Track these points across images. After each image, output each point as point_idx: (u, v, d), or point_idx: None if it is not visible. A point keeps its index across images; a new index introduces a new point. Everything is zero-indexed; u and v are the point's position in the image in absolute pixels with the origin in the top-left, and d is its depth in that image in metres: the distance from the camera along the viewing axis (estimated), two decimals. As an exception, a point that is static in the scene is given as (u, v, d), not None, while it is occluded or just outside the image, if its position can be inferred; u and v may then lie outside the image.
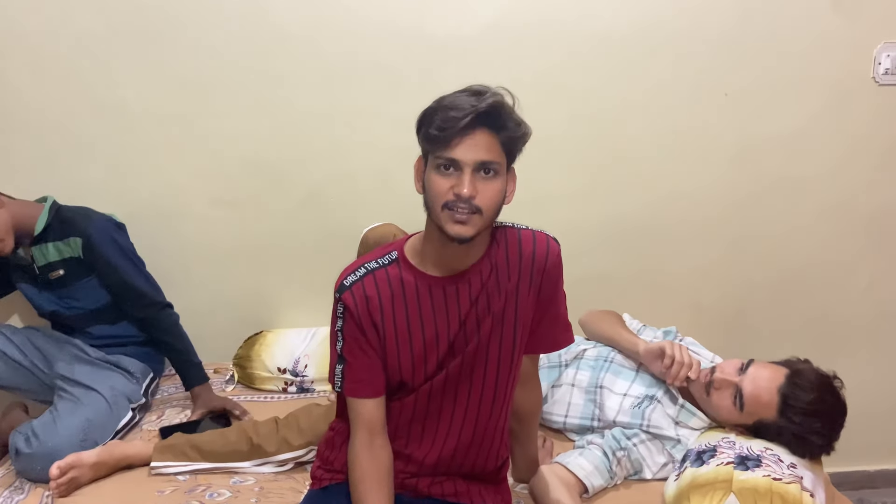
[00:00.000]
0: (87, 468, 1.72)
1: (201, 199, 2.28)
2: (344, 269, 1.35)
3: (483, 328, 1.34)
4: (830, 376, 1.62)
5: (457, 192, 1.19)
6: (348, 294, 1.31)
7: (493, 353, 1.36)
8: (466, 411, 1.39)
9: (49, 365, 2.04)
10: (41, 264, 2.02)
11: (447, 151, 1.19)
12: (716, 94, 2.27)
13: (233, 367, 2.29)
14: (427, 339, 1.33)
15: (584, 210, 2.36)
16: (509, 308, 1.34)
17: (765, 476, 1.43)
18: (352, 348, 1.34)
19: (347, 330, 1.33)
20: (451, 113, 1.17)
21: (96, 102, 2.17)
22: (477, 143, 1.19)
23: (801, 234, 2.42)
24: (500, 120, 1.20)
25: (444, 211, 1.21)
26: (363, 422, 1.35)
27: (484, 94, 1.19)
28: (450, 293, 1.32)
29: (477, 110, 1.17)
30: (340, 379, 1.36)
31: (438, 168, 1.21)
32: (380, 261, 1.34)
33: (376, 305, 1.31)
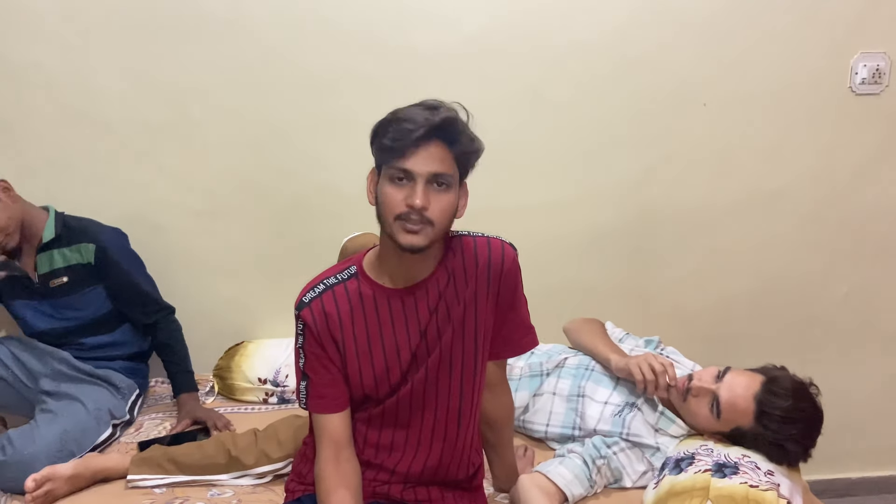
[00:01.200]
0: (62, 481, 1.70)
1: (182, 210, 2.28)
2: (305, 286, 1.36)
3: (444, 338, 1.34)
4: (807, 383, 1.62)
5: (409, 203, 1.20)
6: (307, 311, 1.32)
7: (456, 361, 1.37)
8: (435, 421, 1.40)
9: (33, 380, 2.03)
10: (43, 272, 2.00)
11: (400, 162, 1.20)
12: (695, 105, 2.29)
13: (213, 378, 2.28)
14: (388, 351, 1.34)
15: (567, 220, 2.37)
16: (469, 316, 1.35)
17: (742, 483, 1.43)
18: (313, 365, 1.35)
19: (308, 347, 1.35)
20: (405, 125, 1.19)
21: (77, 113, 2.17)
22: (430, 155, 1.20)
23: (780, 242, 2.44)
24: (454, 134, 1.22)
25: (396, 222, 1.22)
26: (328, 436, 1.36)
27: (438, 109, 1.22)
28: (408, 304, 1.33)
29: (431, 123, 1.19)
30: (304, 395, 1.37)
31: (392, 179, 1.22)
32: (339, 276, 1.35)
33: (335, 321, 1.32)
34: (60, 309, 2.05)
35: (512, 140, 2.27)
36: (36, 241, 2.01)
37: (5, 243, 1.92)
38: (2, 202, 1.92)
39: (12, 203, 1.95)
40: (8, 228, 1.92)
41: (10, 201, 1.95)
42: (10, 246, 1.94)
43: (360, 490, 1.37)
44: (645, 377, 1.73)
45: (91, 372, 2.03)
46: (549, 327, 2.17)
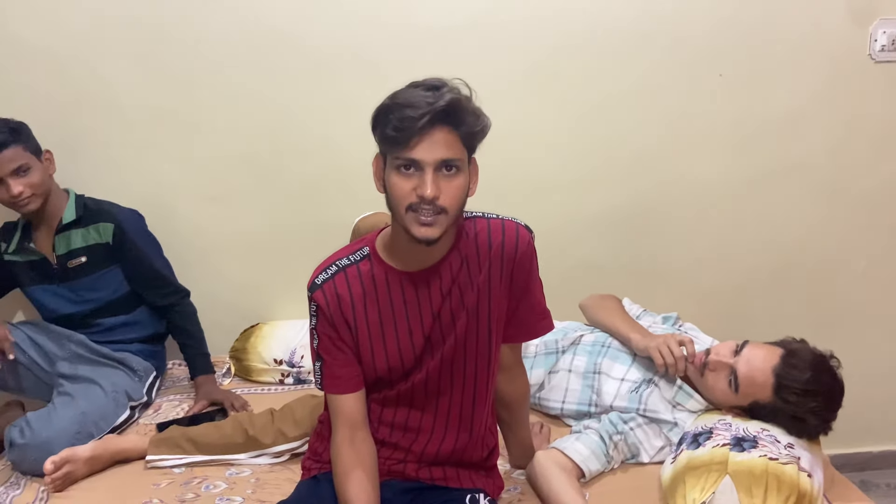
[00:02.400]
0: (81, 463, 1.72)
1: (195, 194, 2.28)
2: (317, 267, 1.35)
3: (458, 323, 1.33)
4: (827, 356, 1.60)
5: (420, 194, 1.16)
6: (319, 293, 1.31)
7: (470, 346, 1.35)
8: (450, 405, 1.39)
9: (50, 363, 2.04)
10: (62, 252, 2.02)
11: (406, 152, 1.16)
12: (711, 76, 2.25)
13: (229, 359, 2.29)
14: (401, 335, 1.33)
15: (582, 198, 2.35)
16: (482, 300, 1.33)
17: (761, 457, 1.42)
18: (327, 346, 1.34)
19: (321, 328, 1.34)
20: (407, 112, 1.14)
21: (86, 99, 2.17)
22: (436, 142, 1.16)
23: (799, 216, 2.40)
24: (459, 115, 1.17)
25: (408, 213, 1.19)
26: (343, 417, 1.35)
27: (440, 89, 1.16)
28: (421, 287, 1.31)
29: (434, 109, 1.13)
30: (319, 376, 1.37)
31: (398, 169, 1.18)
32: (351, 257, 1.34)
33: (348, 303, 1.31)
34: (78, 291, 2.06)
35: (523, 118, 2.24)
36: (55, 222, 2.02)
37: (27, 203, 1.94)
38: (42, 166, 1.97)
39: (49, 172, 2.01)
40: (38, 189, 1.95)
41: (48, 168, 2.01)
42: (30, 208, 1.95)
43: (376, 470, 1.36)
44: (665, 361, 1.72)
45: (108, 354, 2.04)
46: (564, 305, 2.15)
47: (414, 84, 1.19)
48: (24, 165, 1.92)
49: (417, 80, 1.20)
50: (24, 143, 1.94)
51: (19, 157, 1.91)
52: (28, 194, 1.93)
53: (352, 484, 1.32)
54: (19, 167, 1.91)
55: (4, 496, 1.69)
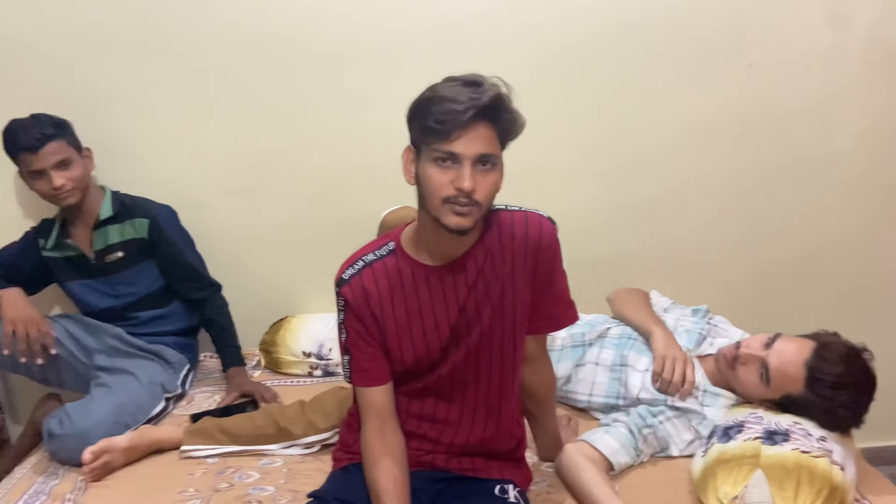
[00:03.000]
0: (119, 452, 1.75)
1: (224, 189, 2.30)
2: (343, 262, 1.37)
3: (484, 315, 1.34)
4: (860, 348, 1.58)
5: (458, 187, 1.18)
6: (347, 288, 1.33)
7: (495, 338, 1.36)
8: (476, 397, 1.40)
9: (88, 356, 2.09)
10: (99, 247, 2.06)
11: (446, 145, 1.17)
12: (739, 66, 2.22)
13: (259, 352, 2.32)
14: (427, 328, 1.35)
15: (607, 189, 2.33)
16: (507, 292, 1.34)
17: (793, 450, 1.41)
18: (355, 340, 1.36)
19: (349, 323, 1.36)
20: (450, 105, 1.15)
21: (117, 98, 2.19)
22: (477, 136, 1.18)
23: (830, 207, 2.37)
24: (500, 112, 1.19)
25: (444, 205, 1.21)
26: (372, 409, 1.37)
27: (481, 86, 1.18)
28: (447, 281, 1.33)
29: (478, 104, 1.15)
30: (347, 370, 1.39)
31: (436, 161, 1.20)
32: (377, 252, 1.35)
33: (375, 298, 1.33)
34: (115, 286, 2.10)
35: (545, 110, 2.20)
36: (92, 218, 2.06)
37: (67, 196, 1.98)
38: (83, 161, 2.02)
39: (88, 169, 2.06)
40: (79, 183, 2.00)
41: (88, 165, 2.06)
42: (69, 202, 1.99)
43: (405, 460, 1.38)
44: (664, 374, 1.72)
45: (143, 347, 2.08)
46: (591, 297, 2.15)
47: (452, 79, 1.20)
48: (66, 159, 1.96)
49: (455, 76, 1.20)
50: (68, 138, 1.99)
51: (62, 150, 1.95)
52: (69, 187, 1.97)
53: (381, 472, 1.34)
54: (62, 161, 1.95)
55: (43, 486, 1.73)
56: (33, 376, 2.10)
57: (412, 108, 1.22)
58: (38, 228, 2.13)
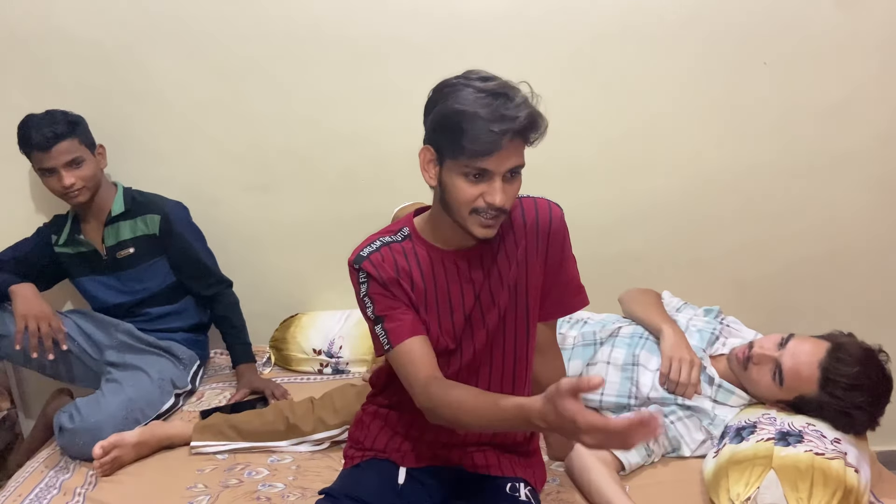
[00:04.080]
0: (129, 448, 1.76)
1: (235, 185, 2.31)
2: (359, 245, 1.34)
3: (499, 301, 1.34)
4: (875, 349, 1.57)
5: (489, 202, 1.19)
6: (367, 262, 1.30)
7: (509, 324, 1.36)
8: (490, 385, 1.39)
9: (98, 351, 2.09)
10: (111, 243, 2.07)
11: (479, 162, 1.17)
12: (755, 64, 2.20)
13: (269, 349, 2.32)
14: (442, 312, 1.34)
15: (621, 188, 2.32)
16: (521, 276, 1.35)
17: (807, 451, 1.40)
18: (383, 305, 1.30)
19: (373, 291, 1.30)
20: (487, 126, 1.13)
21: (132, 93, 2.20)
22: (510, 153, 1.18)
23: (847, 207, 2.34)
24: (532, 129, 1.18)
25: (471, 215, 1.21)
26: (419, 362, 1.26)
27: (513, 100, 1.15)
28: (462, 267, 1.33)
29: (516, 127, 1.14)
30: (385, 335, 1.29)
31: (467, 176, 1.19)
32: (393, 236, 1.35)
33: (394, 273, 1.30)
34: (127, 282, 2.11)
35: (564, 106, 2.19)
36: (104, 214, 2.07)
37: (77, 195, 1.99)
38: (95, 160, 2.03)
39: (100, 166, 2.07)
40: (89, 182, 2.01)
41: (100, 162, 2.07)
42: (79, 200, 2.00)
43: None
44: (671, 375, 1.71)
45: (154, 343, 2.09)
46: (603, 296, 2.14)
47: (476, 87, 1.16)
48: (77, 158, 1.97)
49: (476, 79, 1.17)
50: (80, 136, 1.99)
51: (74, 149, 1.97)
52: (79, 186, 1.98)
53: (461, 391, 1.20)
54: (73, 159, 1.96)
55: (55, 479, 1.74)
56: (45, 371, 2.11)
57: (437, 115, 1.20)
58: (51, 224, 2.15)
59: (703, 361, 1.76)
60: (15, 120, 1.98)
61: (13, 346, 1.97)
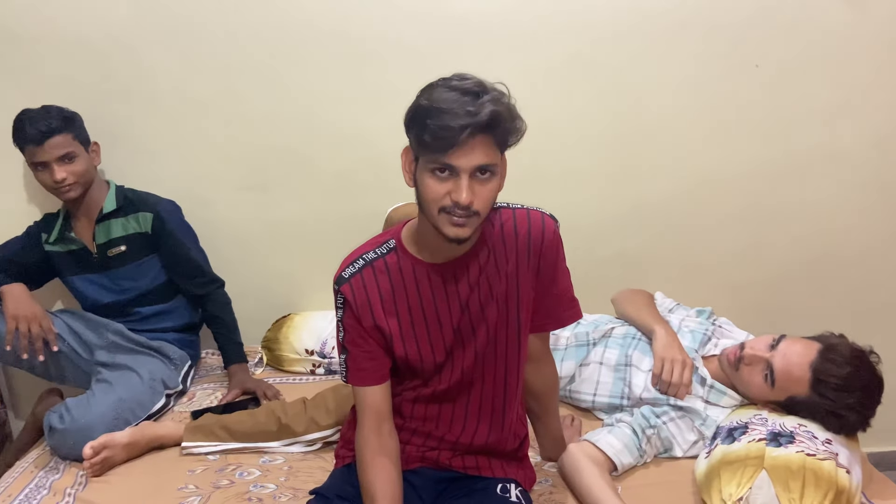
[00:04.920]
0: (119, 448, 1.75)
1: (228, 184, 2.30)
2: (343, 260, 1.35)
3: (488, 313, 1.33)
4: (866, 351, 1.57)
5: (455, 199, 1.16)
6: (347, 286, 1.31)
7: (500, 336, 1.36)
8: (481, 397, 1.40)
9: (89, 351, 2.08)
10: (101, 241, 2.06)
11: (443, 158, 1.15)
12: (748, 67, 2.21)
13: (261, 349, 2.31)
14: (431, 327, 1.34)
15: (615, 189, 2.33)
16: (511, 290, 1.33)
17: (798, 452, 1.40)
18: (353, 338, 1.34)
19: (347, 321, 1.34)
20: (447, 121, 1.12)
21: (125, 91, 2.19)
22: (475, 149, 1.15)
23: (839, 210, 2.35)
24: (499, 126, 1.16)
25: (440, 214, 1.19)
26: (370, 408, 1.36)
27: (479, 96, 1.14)
28: (448, 279, 1.32)
29: (476, 122, 1.12)
30: (344, 368, 1.37)
31: (433, 172, 1.17)
32: (378, 251, 1.34)
33: (376, 297, 1.32)
34: (117, 280, 2.09)
35: (557, 109, 2.23)
36: (95, 212, 2.06)
37: (68, 190, 1.98)
38: (88, 156, 2.03)
39: (94, 163, 2.06)
40: (81, 178, 2.00)
41: (93, 159, 2.06)
42: (70, 196, 2.00)
43: (399, 462, 1.37)
44: (663, 376, 1.71)
45: (145, 343, 2.08)
46: (596, 298, 2.14)
47: (450, 85, 1.16)
48: (70, 153, 1.97)
49: (454, 79, 1.17)
50: (75, 132, 1.99)
51: (67, 144, 1.96)
52: (71, 181, 1.97)
53: (377, 472, 1.33)
54: (66, 154, 1.96)
55: (44, 480, 1.73)
56: (34, 371, 2.09)
57: (409, 115, 1.20)
58: (41, 223, 2.13)
59: (695, 362, 1.77)
60: (8, 118, 1.97)
61: (3, 347, 1.96)
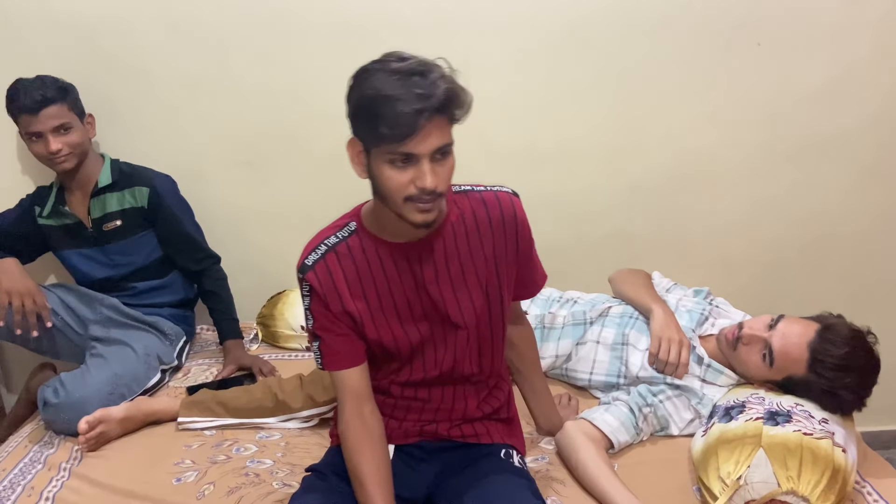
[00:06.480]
0: (115, 423, 1.74)
1: (224, 161, 2.27)
2: (305, 247, 1.33)
3: (459, 295, 1.32)
4: (864, 331, 1.58)
5: (420, 186, 1.14)
6: (312, 274, 1.29)
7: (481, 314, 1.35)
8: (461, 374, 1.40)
9: (83, 326, 2.06)
10: (97, 216, 2.03)
11: (401, 147, 1.12)
12: (747, 46, 2.19)
13: (257, 325, 2.30)
14: (400, 308, 1.32)
15: (611, 166, 2.31)
16: (490, 272, 1.33)
17: (795, 431, 1.41)
18: (322, 324, 1.32)
19: (315, 308, 1.32)
20: (401, 108, 1.08)
21: (118, 65, 2.16)
22: (431, 133, 1.12)
23: (836, 189, 2.34)
24: (453, 105, 1.13)
25: (406, 203, 1.16)
26: (349, 392, 1.35)
27: (427, 76, 1.10)
28: (413, 259, 1.30)
29: (431, 106, 1.09)
30: (318, 354, 1.35)
31: (393, 163, 1.14)
32: (339, 234, 1.32)
33: (343, 283, 1.30)
34: (112, 255, 2.07)
35: (552, 85, 2.20)
36: (90, 185, 2.04)
37: (62, 161, 1.96)
38: (83, 128, 2.00)
39: (88, 135, 2.03)
40: (76, 149, 1.97)
41: (88, 131, 2.03)
42: (64, 167, 1.97)
43: (385, 444, 1.37)
44: (660, 356, 1.71)
45: (140, 318, 2.06)
46: (593, 277, 2.15)
47: (391, 69, 1.12)
48: (65, 124, 1.94)
49: (393, 60, 1.14)
50: (70, 103, 1.96)
51: (62, 115, 1.93)
52: (65, 152, 1.94)
53: (364, 456, 1.32)
54: (61, 125, 1.93)
55: (39, 454, 1.72)
56: (28, 346, 2.08)
57: (353, 103, 1.16)
58: (34, 195, 2.11)
59: (693, 342, 1.77)
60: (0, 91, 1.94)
61: None
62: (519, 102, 2.22)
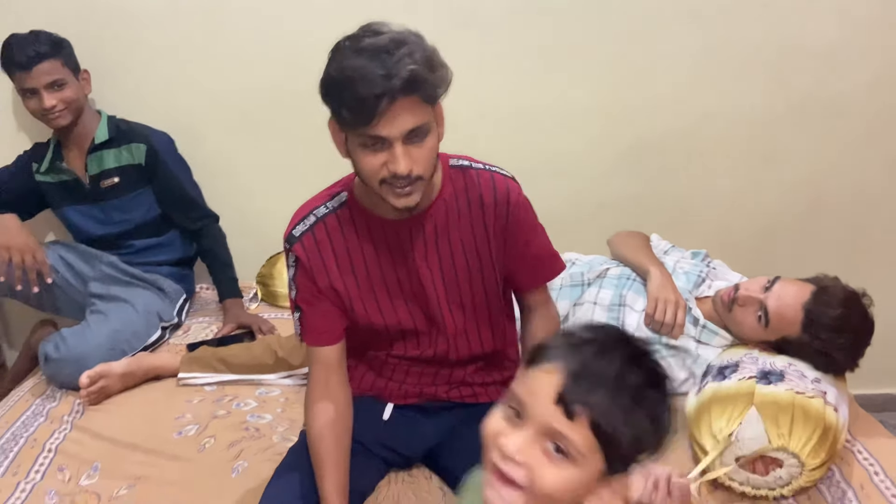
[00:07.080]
0: (116, 378, 1.76)
1: (222, 121, 2.26)
2: (293, 215, 1.30)
3: (448, 272, 1.31)
4: (859, 293, 1.58)
5: (392, 171, 1.10)
6: (299, 246, 1.27)
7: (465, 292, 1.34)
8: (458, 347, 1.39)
9: (82, 283, 2.07)
10: (94, 172, 2.02)
11: (368, 130, 1.07)
12: (753, 4, 2.16)
13: (256, 285, 2.31)
14: (389, 283, 1.30)
15: (611, 129, 2.30)
16: (479, 250, 1.31)
17: (787, 390, 1.43)
18: (306, 297, 1.30)
19: (300, 279, 1.30)
20: (361, 91, 1.04)
21: (113, 28, 2.13)
22: (399, 114, 1.06)
23: (837, 153, 2.33)
24: (420, 83, 1.06)
25: (382, 186, 1.14)
26: (321, 363, 1.32)
27: (392, 54, 1.04)
28: (404, 236, 1.27)
29: (393, 88, 1.03)
30: (298, 326, 1.33)
31: (365, 146, 1.10)
32: (329, 205, 1.29)
33: (331, 257, 1.28)
34: (110, 212, 2.07)
35: (548, 47, 2.18)
36: (87, 142, 2.02)
37: (57, 117, 1.95)
38: (78, 84, 1.99)
39: (83, 91, 2.02)
40: (71, 105, 1.96)
41: (83, 87, 2.02)
42: (59, 123, 1.96)
43: (347, 408, 1.34)
44: (656, 316, 1.71)
45: (139, 275, 2.07)
46: (591, 239, 2.15)
47: (359, 47, 1.07)
48: (59, 80, 1.92)
49: (366, 35, 1.09)
50: (64, 58, 1.94)
51: (56, 71, 1.92)
52: (60, 108, 1.93)
53: (317, 412, 1.30)
54: (55, 81, 1.92)
55: (41, 407, 1.75)
56: (28, 302, 2.09)
57: (323, 88, 1.12)
58: (31, 152, 2.10)
59: (689, 303, 1.78)
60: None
61: None
62: (517, 63, 2.20)
